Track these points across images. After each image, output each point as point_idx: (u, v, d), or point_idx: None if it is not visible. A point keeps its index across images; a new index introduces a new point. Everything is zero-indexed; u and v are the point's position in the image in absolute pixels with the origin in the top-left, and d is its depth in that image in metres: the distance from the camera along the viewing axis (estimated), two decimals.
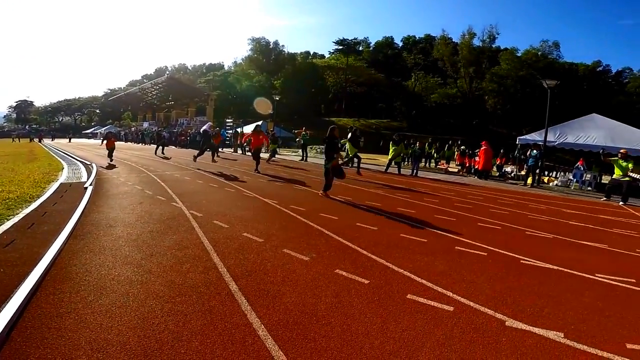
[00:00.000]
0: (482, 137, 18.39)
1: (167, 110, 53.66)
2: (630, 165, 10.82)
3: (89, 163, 13.58)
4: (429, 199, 8.61)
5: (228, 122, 36.92)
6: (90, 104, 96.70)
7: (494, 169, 18.10)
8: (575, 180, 15.28)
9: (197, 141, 28.64)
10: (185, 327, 2.52)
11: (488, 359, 2.37)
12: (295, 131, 19.62)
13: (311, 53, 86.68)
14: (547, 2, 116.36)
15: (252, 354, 2.26)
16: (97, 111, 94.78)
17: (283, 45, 74.62)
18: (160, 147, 19.64)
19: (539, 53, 57.62)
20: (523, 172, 16.10)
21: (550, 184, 15.71)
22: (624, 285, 3.84)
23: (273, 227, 5.16)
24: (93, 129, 71.10)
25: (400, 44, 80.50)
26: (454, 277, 3.72)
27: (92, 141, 42.58)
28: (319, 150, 26.89)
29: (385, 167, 15.69)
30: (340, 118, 56.63)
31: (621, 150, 11.25)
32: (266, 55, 70.73)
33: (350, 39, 74.93)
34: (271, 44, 71.85)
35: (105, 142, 15.35)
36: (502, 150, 18.93)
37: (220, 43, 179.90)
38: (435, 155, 20.91)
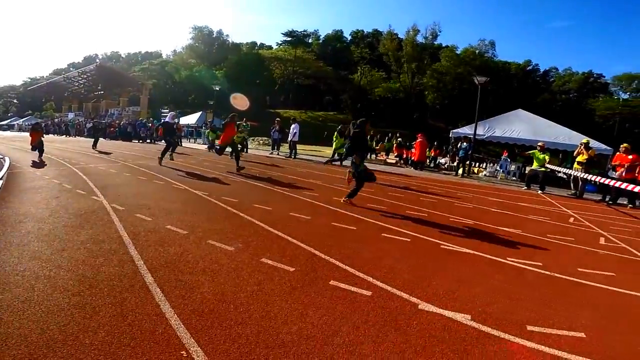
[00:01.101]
0: (421, 130, 19.16)
1: (95, 100, 50.15)
2: (547, 157, 11.83)
3: (1, 157, 12.27)
4: (365, 189, 8.76)
5: (164, 112, 35.28)
6: (6, 94, 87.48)
7: (428, 160, 19.00)
8: (501, 170, 16.46)
9: (129, 132, 27.08)
10: (93, 319, 2.40)
11: (398, 340, 2.44)
12: (238, 122, 19.17)
13: (258, 44, 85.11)
14: (486, 3, 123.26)
15: (161, 342, 2.20)
16: (15, 101, 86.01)
17: (227, 35, 72.65)
18: (94, 141, 17.00)
19: (477, 51, 61.11)
20: (455, 164, 17.06)
21: (480, 174, 16.82)
22: (530, 268, 4.13)
23: (200, 219, 4.98)
24: (9, 120, 64.28)
25: (349, 37, 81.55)
26: (377, 263, 3.81)
27: (7, 133, 38.59)
28: (262, 142, 26.60)
29: (329, 159, 15.83)
30: (287, 110, 56.41)
31: (539, 143, 12.26)
32: (209, 44, 68.35)
33: (300, 31, 74.53)
34: (215, 33, 69.54)
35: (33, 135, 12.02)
36: (435, 143, 19.91)
37: (159, 31, 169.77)
38: (375, 147, 21.50)
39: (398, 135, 21.33)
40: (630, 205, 11.05)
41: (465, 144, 15.30)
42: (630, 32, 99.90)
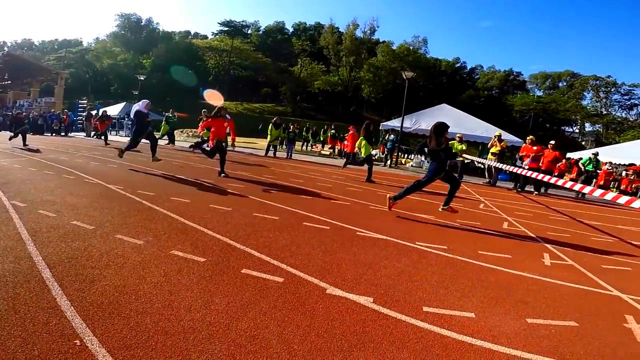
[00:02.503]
0: (358, 123, 19.68)
1: (1, 90, 45.02)
2: (464, 147, 12.76)
3: None
4: (295, 179, 8.94)
5: (81, 103, 32.67)
6: None
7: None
8: (426, 161, 17.46)
9: (40, 125, 24.56)
10: None
11: (303, 324, 2.51)
12: (165, 113, 18.32)
13: (192, 33, 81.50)
14: (420, 0, 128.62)
15: (54, 333, 2.12)
16: None
17: (158, 23, 68.78)
18: (18, 135, 14.04)
19: (410, 47, 63.69)
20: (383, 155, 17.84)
21: (407, 164, 17.76)
22: (435, 252, 4.43)
23: (110, 213, 4.71)
24: None
25: (291, 29, 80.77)
26: (293, 250, 3.89)
27: None
28: (191, 134, 25.66)
29: (265, 151, 15.77)
30: (222, 101, 54.85)
31: (457, 135, 13.17)
32: (136, 32, 64.18)
33: (238, 21, 72.29)
34: (143, 20, 65.43)
35: None
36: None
37: (80, 17, 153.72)
38: (310, 139, 21.75)
39: (333, 127, 21.74)
40: (536, 192, 12.33)
41: (392, 136, 16.02)
42: (547, 34, 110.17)
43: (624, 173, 16.75)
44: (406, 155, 20.26)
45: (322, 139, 22.08)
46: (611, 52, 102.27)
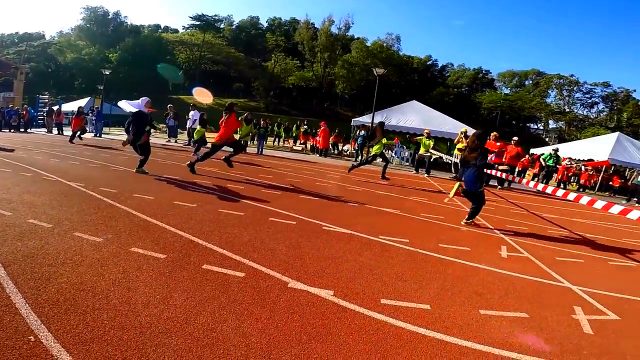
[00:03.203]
0: (331, 119, 19.79)
1: None
2: (431, 143, 13.07)
3: None
4: (264, 175, 8.91)
5: (42, 99, 31.21)
6: None
7: (331, 147, 19.79)
8: (396, 156, 17.81)
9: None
10: None
11: (263, 317, 2.56)
12: None
13: (162, 27, 79.16)
14: None
15: (8, 329, 2.12)
16: None
17: (126, 17, 66.40)
18: None
19: (384, 44, 64.29)
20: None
21: (379, 160, 17.98)
22: (397, 245, 4.55)
23: (69, 211, 4.57)
24: None
25: (266, 25, 79.71)
26: (256, 245, 3.91)
27: None
28: (159, 129, 24.89)
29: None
30: (191, 96, 53.84)
31: (425, 130, 13.48)
32: (102, 26, 61.70)
33: (210, 15, 70.62)
34: (110, 14, 63.05)
35: None
36: (337, 130, 20.75)
37: (42, 10, 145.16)
38: (283, 134, 21.69)
39: (305, 123, 21.75)
40: (499, 187, 12.77)
41: (362, 131, 16.23)
42: (516, 33, 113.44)
43: (582, 168, 17.59)
44: None
45: (294, 134, 22.06)
46: (575, 51, 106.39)
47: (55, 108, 21.62)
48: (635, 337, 2.98)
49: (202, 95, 41.77)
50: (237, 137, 13.03)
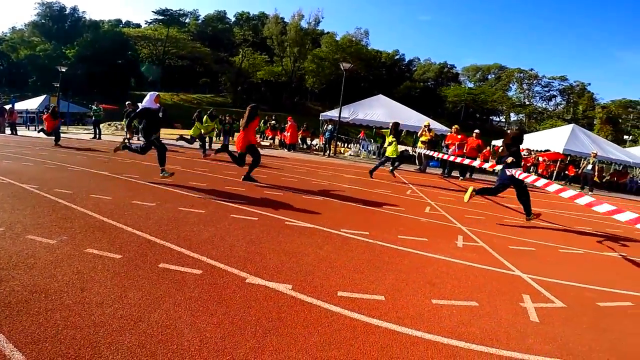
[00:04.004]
0: (301, 114, 19.78)
1: None
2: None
3: None
4: (228, 171, 8.81)
5: None
6: None
7: (300, 142, 19.85)
8: (364, 150, 18.09)
9: None
10: None
11: (218, 312, 2.57)
12: (91, 106, 17.07)
13: (124, 22, 76.36)
14: None
15: None
16: None
17: (84, 12, 63.47)
18: None
19: (353, 39, 64.73)
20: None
21: (345, 153, 18.29)
22: (358, 237, 4.63)
23: (22, 214, 4.38)
24: None
25: (233, 19, 78.31)
26: (215, 243, 3.89)
27: None
28: (119, 126, 24.15)
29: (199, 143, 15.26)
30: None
31: (390, 124, 13.73)
32: (59, 21, 58.60)
33: (175, 9, 68.58)
34: (67, 9, 60.05)
35: None
36: (305, 125, 20.80)
37: None
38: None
39: (273, 118, 21.61)
40: (461, 178, 13.22)
41: (330, 126, 16.37)
42: (480, 28, 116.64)
43: (540, 159, 18.44)
44: (345, 145, 20.84)
45: (261, 129, 21.86)
46: (534, 46, 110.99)
47: (7, 107, 20.40)
48: (579, 324, 3.08)
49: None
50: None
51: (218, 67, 62.46)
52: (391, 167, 10.57)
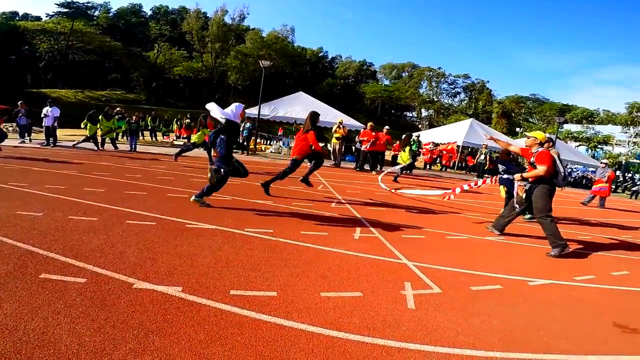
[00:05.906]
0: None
1: None
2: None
3: None
4: (131, 175, 8.36)
5: None
6: None
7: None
8: (284, 147, 18.39)
9: None
10: None
11: (99, 318, 2.55)
12: None
13: (20, 14, 67.95)
14: None
15: None
16: None
17: None
18: None
19: (279, 36, 64.52)
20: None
21: (267, 151, 18.40)
22: (260, 236, 4.68)
23: None
24: None
25: (150, 12, 73.42)
26: (104, 250, 3.75)
27: None
28: (11, 128, 21.50)
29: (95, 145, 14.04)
30: (56, 90, 47.60)
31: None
32: None
33: (82, 1, 62.33)
34: None
35: None
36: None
37: None
38: (163, 128, 20.47)
39: (188, 116, 20.83)
40: (374, 172, 14.01)
41: (248, 124, 16.33)
42: (396, 28, 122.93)
43: (443, 152, 20.20)
44: (267, 142, 20.92)
45: (174, 128, 20.81)
46: (442, 46, 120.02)
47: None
48: (451, 309, 3.24)
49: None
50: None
51: (130, 62, 58.39)
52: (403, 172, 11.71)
